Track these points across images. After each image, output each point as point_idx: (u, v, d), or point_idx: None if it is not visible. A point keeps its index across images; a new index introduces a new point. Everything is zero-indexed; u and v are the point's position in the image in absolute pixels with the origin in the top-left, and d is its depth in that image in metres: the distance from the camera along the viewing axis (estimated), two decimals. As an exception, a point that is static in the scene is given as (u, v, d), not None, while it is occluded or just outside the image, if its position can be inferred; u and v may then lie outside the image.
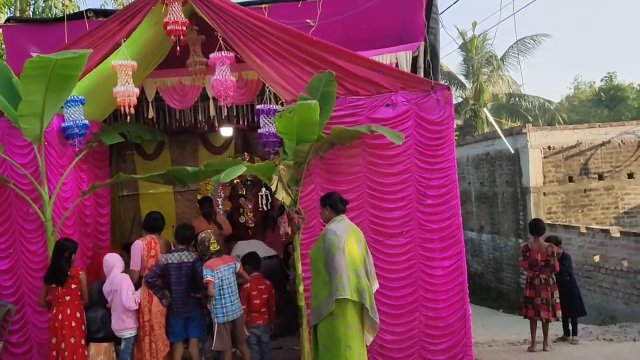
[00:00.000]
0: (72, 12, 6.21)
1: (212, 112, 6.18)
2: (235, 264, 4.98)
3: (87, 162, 5.71)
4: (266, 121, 5.06)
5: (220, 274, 4.80)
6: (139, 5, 5.18)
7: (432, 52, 5.69)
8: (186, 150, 8.62)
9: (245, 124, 7.34)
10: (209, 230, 5.22)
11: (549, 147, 11.49)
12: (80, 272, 4.71)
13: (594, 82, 34.77)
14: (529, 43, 24.12)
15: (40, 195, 4.97)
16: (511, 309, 11.48)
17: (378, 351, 4.73)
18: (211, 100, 6.13)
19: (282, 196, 4.75)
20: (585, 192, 11.57)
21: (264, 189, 4.97)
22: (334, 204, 4.27)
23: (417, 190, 4.89)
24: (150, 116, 6.20)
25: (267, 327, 5.29)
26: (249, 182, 8.49)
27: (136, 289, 4.90)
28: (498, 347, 6.53)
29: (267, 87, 5.10)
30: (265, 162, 4.59)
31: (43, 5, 9.59)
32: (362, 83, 4.92)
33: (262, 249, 6.25)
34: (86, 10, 6.00)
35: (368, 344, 4.22)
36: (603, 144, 11.58)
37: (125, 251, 5.55)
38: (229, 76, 5.00)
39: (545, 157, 11.44)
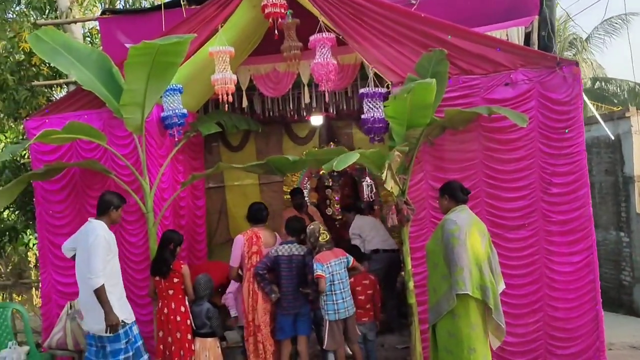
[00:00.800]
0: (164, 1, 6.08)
1: (307, 99, 5.95)
2: (347, 258, 4.69)
3: (183, 153, 5.62)
4: (371, 105, 4.73)
5: (331, 268, 4.51)
6: (236, -11, 4.99)
7: (547, 28, 5.18)
8: (271, 141, 8.45)
9: (335, 112, 7.13)
10: (317, 222, 4.95)
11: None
12: (182, 266, 4.55)
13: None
14: (616, 23, 22.52)
15: (140, 186, 4.89)
16: (613, 307, 10.62)
17: (498, 354, 4.31)
18: (305, 87, 5.92)
19: (390, 186, 4.42)
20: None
21: (368, 179, 4.65)
22: (453, 193, 3.90)
23: (540, 178, 4.41)
24: (243, 105, 6.05)
25: (373, 325, 4.99)
26: (335, 173, 8.23)
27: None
28: (619, 351, 5.92)
29: (371, 69, 4.77)
30: (377, 149, 4.26)
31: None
32: (476, 61, 4.50)
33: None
34: (181, -2, 5.89)
35: (494, 349, 3.83)
36: None
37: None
38: (331, 59, 4.71)
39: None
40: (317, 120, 7.29)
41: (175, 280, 4.50)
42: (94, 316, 4.08)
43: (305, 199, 8.16)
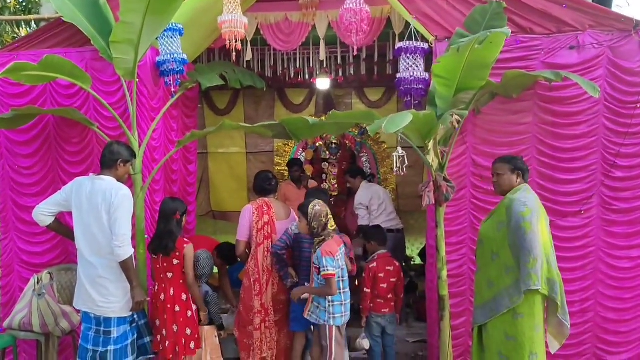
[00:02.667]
0: None
1: (323, 55, 5.21)
2: (345, 244, 3.93)
3: (177, 108, 4.81)
4: (410, 63, 4.04)
5: (340, 262, 3.68)
6: None
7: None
8: (262, 106, 7.76)
9: (340, 75, 6.44)
10: (321, 202, 3.95)
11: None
12: (185, 245, 3.77)
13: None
14: None
15: (128, 143, 4.09)
16: None
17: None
18: (321, 42, 5.18)
19: (431, 159, 3.78)
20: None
21: (399, 149, 3.99)
22: (523, 169, 3.27)
23: (603, 159, 3.85)
24: (247, 58, 5.27)
25: (393, 317, 4.35)
26: (333, 145, 7.58)
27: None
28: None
29: (413, 20, 4.06)
30: (431, 112, 3.58)
31: None
32: (538, 18, 3.86)
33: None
34: None
35: (553, 353, 3.27)
36: None
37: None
38: (364, 5, 3.98)
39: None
40: (322, 83, 6.57)
41: (176, 261, 3.74)
42: (106, 293, 3.44)
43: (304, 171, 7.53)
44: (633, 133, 3.79)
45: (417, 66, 4.04)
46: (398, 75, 4.13)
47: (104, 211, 3.41)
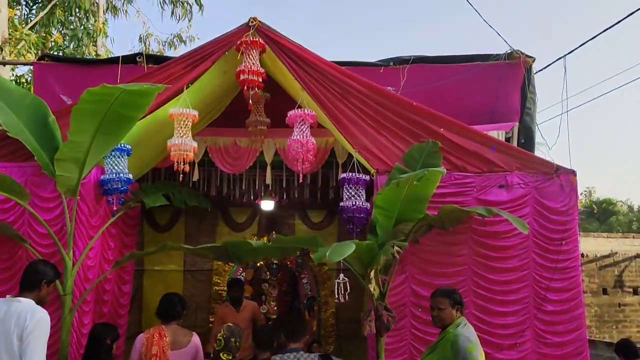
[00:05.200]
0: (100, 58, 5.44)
1: (269, 180, 5.36)
2: None
3: (116, 227, 4.71)
4: (352, 193, 4.21)
5: None
6: (208, 50, 4.47)
7: (527, 135, 5.05)
8: (203, 224, 7.69)
9: (285, 198, 6.59)
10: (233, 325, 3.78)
11: (582, 255, 10.79)
12: None
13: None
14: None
15: (61, 261, 3.92)
16: None
17: None
18: (268, 168, 5.35)
19: (372, 287, 3.82)
20: (619, 307, 10.76)
21: (341, 275, 4.01)
22: (462, 304, 3.34)
23: (535, 293, 4.00)
24: (194, 179, 5.33)
25: None
26: (274, 266, 7.52)
27: None
28: None
29: (356, 154, 4.29)
30: (372, 241, 3.68)
31: (74, 52, 8.95)
32: (471, 159, 4.18)
33: None
34: (137, 54, 5.28)
35: None
36: (637, 255, 10.94)
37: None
38: (310, 137, 4.21)
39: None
40: (267, 205, 6.66)
41: None
42: None
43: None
44: (561, 268, 4.00)
45: (359, 196, 4.20)
46: (341, 204, 4.27)
47: (16, 336, 3.12)
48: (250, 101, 4.38)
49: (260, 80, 4.32)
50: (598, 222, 29.36)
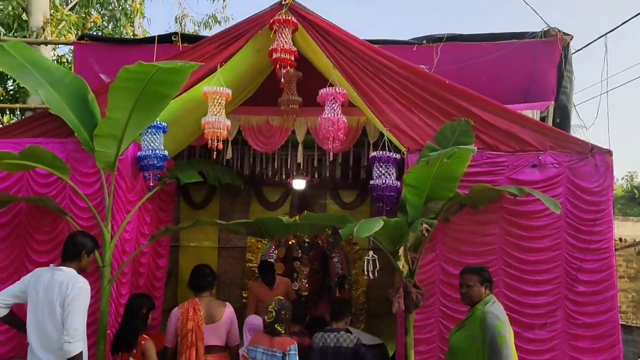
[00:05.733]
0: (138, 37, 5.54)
1: (300, 159, 5.41)
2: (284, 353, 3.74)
3: (153, 202, 4.86)
4: (382, 171, 4.22)
5: (257, 354, 3.73)
6: (241, 29, 4.52)
7: (563, 115, 4.95)
8: (237, 202, 7.81)
9: (316, 177, 6.64)
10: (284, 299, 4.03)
11: (620, 239, 10.54)
12: (144, 342, 3.64)
13: (617, 180, 34.42)
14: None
15: (100, 234, 4.07)
16: None
17: None
18: (299, 146, 5.40)
19: (401, 264, 3.85)
20: (658, 292, 10.52)
21: (371, 252, 4.05)
22: (491, 282, 3.35)
23: (566, 273, 3.96)
24: (228, 157, 5.43)
25: None
26: (306, 245, 7.60)
27: None
28: None
29: (387, 132, 4.30)
30: (400, 219, 3.70)
31: (112, 32, 9.17)
32: (503, 137, 4.13)
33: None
34: (172, 34, 5.37)
35: None
36: (677, 240, 10.62)
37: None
38: (341, 116, 4.23)
39: (615, 250, 10.45)
40: (299, 184, 6.72)
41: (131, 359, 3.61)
42: None
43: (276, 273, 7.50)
44: (594, 249, 3.94)
45: (389, 174, 4.22)
46: (371, 182, 4.29)
47: (59, 304, 3.32)
48: (283, 80, 4.42)
49: (293, 58, 4.35)
50: (639, 207, 28.56)
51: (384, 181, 4.18)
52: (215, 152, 4.38)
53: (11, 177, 4.28)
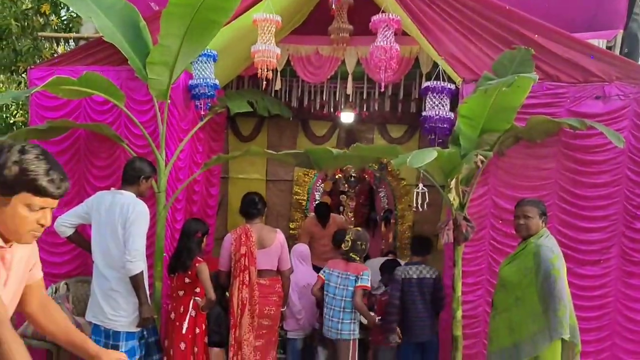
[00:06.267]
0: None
1: (350, 90, 5.33)
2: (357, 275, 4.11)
3: (204, 131, 4.92)
4: (436, 102, 4.11)
5: (332, 277, 4.10)
6: (292, -46, 4.36)
7: (632, 44, 4.64)
8: (285, 135, 7.80)
9: (365, 110, 6.53)
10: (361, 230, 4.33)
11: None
12: (198, 264, 3.78)
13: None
14: None
15: (155, 161, 4.18)
16: None
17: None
18: (349, 77, 5.30)
19: (452, 197, 3.81)
20: None
21: (421, 185, 4.02)
22: (547, 215, 3.28)
23: (625, 210, 3.83)
24: (276, 88, 5.40)
25: None
26: (352, 179, 7.62)
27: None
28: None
29: (441, 61, 4.15)
30: (454, 151, 3.63)
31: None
32: (565, 67, 3.92)
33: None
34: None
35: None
36: None
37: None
38: (394, 44, 4.09)
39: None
40: (347, 117, 6.64)
41: (187, 280, 3.78)
42: (117, 306, 3.47)
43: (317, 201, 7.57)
44: (656, 186, 3.78)
45: (442, 105, 4.11)
46: (423, 113, 4.20)
47: (120, 225, 3.48)
48: (333, 7, 4.29)
49: (344, -17, 4.20)
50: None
51: (437, 112, 4.08)
52: (264, 82, 4.36)
53: (69, 105, 4.40)
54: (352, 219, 7.55)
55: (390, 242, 7.46)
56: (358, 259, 4.09)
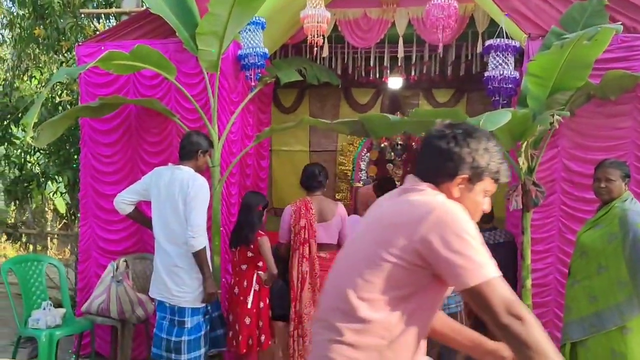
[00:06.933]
0: None
1: (401, 53, 5.11)
2: None
3: (253, 103, 4.81)
4: (500, 61, 3.88)
5: None
6: None
7: None
8: (327, 105, 7.62)
9: (414, 74, 6.30)
10: None
11: None
12: (260, 238, 3.71)
13: None
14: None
15: (208, 135, 4.09)
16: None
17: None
18: (400, 40, 5.08)
19: (521, 161, 3.62)
20: None
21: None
22: (630, 177, 3.07)
23: None
24: (324, 54, 5.22)
25: None
26: (398, 147, 7.42)
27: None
28: None
29: (505, 17, 3.90)
30: (526, 112, 3.42)
31: None
32: (642, 17, 3.65)
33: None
34: None
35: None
36: None
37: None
38: (452, 0, 3.86)
39: None
40: (394, 82, 6.43)
41: (250, 254, 3.72)
42: (181, 282, 3.42)
43: (362, 171, 7.42)
44: None
45: (507, 64, 3.88)
46: (486, 74, 3.98)
47: (181, 201, 3.42)
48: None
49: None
50: None
51: (500, 72, 3.85)
52: (314, 49, 4.20)
53: (119, 81, 4.34)
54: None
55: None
56: None
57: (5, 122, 6.27)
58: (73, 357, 4.42)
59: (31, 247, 9.68)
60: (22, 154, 6.68)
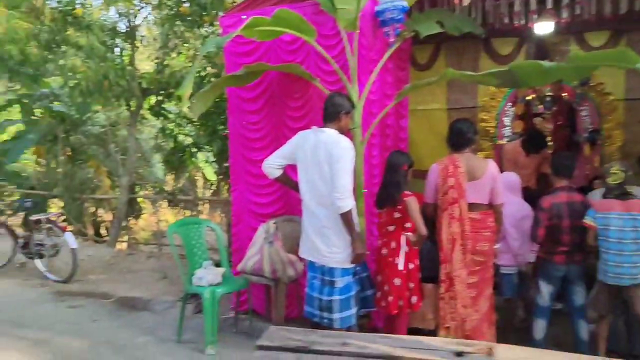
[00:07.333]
0: None
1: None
2: None
3: (392, 61, 4.65)
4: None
5: (610, 221, 3.62)
6: None
7: None
8: (465, 59, 7.17)
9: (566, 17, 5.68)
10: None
11: None
12: (406, 198, 3.62)
13: None
14: None
15: (348, 96, 4.04)
16: None
17: None
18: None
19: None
20: None
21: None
22: None
23: None
24: (465, 3, 4.89)
25: None
26: (547, 99, 6.83)
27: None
28: None
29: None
30: None
31: None
32: None
33: None
34: None
35: None
36: None
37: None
38: None
39: None
40: (544, 27, 5.86)
41: (397, 215, 3.66)
42: (330, 243, 3.50)
43: (505, 128, 6.97)
44: None
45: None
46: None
47: (326, 163, 3.43)
48: None
49: None
50: None
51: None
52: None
53: (260, 49, 4.44)
54: (551, 143, 6.82)
55: (596, 167, 6.64)
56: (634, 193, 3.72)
57: (159, 98, 6.78)
58: (232, 313, 4.74)
59: (187, 212, 10.55)
60: (176, 127, 7.21)
